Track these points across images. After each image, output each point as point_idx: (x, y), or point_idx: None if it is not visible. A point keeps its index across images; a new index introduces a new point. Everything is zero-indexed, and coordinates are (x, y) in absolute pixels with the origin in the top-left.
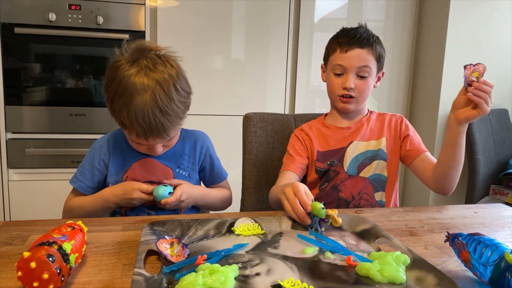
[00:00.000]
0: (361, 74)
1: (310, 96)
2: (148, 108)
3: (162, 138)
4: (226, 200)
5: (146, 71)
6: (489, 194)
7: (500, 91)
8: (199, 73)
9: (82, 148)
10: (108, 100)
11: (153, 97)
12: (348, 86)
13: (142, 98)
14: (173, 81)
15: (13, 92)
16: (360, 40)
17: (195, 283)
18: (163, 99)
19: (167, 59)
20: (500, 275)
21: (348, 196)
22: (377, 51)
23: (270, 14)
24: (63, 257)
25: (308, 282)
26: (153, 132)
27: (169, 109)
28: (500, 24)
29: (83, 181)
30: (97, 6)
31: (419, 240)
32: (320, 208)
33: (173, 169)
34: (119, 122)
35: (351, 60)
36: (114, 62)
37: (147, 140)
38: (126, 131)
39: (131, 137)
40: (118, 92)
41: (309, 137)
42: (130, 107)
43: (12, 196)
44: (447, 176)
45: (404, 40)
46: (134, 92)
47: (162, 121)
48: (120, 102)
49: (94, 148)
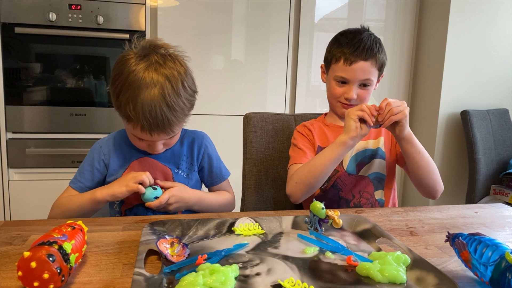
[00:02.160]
0: (363, 83)
1: (310, 96)
2: (156, 102)
3: (166, 133)
4: (226, 204)
5: (156, 66)
6: (489, 194)
7: (501, 91)
8: (200, 73)
9: (83, 148)
10: (115, 93)
11: (161, 92)
12: (350, 97)
13: (150, 92)
14: (181, 78)
15: (13, 92)
16: (364, 51)
17: (196, 283)
18: (171, 94)
19: (176, 57)
20: (500, 275)
21: (349, 195)
22: (380, 61)
23: (270, 14)
24: (64, 257)
25: (309, 282)
26: (158, 126)
27: (175, 105)
28: (500, 24)
29: (82, 182)
30: (98, 6)
31: (419, 240)
32: (320, 208)
33: (172, 169)
34: (124, 115)
35: (355, 73)
36: (123, 56)
37: (151, 134)
38: (130, 124)
39: (135, 131)
40: (126, 85)
41: (311, 132)
42: (137, 100)
43: (13, 196)
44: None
45: (405, 40)
46: (142, 86)
47: (168, 116)
48: (128, 94)
49: (94, 148)
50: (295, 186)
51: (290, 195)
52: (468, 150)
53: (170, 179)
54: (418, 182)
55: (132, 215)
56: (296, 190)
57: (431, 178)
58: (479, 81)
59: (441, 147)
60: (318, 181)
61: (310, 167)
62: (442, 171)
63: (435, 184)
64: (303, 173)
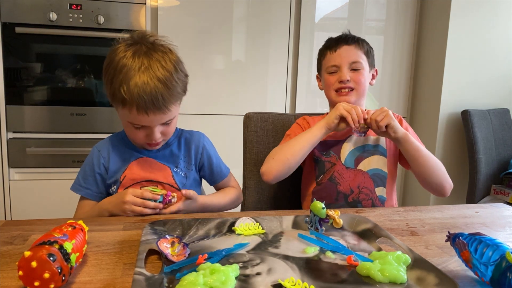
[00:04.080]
0: (354, 67)
1: (310, 95)
2: (149, 79)
3: (162, 112)
4: (232, 201)
5: (145, 50)
6: (490, 194)
7: (501, 91)
8: (200, 73)
9: (83, 148)
10: (108, 81)
11: (153, 71)
12: (344, 79)
13: (143, 72)
14: (172, 61)
15: (14, 92)
16: (346, 38)
17: (196, 282)
18: (162, 72)
19: (165, 44)
20: (501, 275)
21: (347, 189)
22: (364, 47)
23: (271, 14)
24: (64, 256)
25: (309, 281)
26: (153, 104)
27: (168, 82)
28: (501, 23)
29: (89, 188)
30: (98, 5)
31: (420, 240)
32: (321, 208)
33: (171, 168)
34: (119, 100)
35: (341, 57)
36: (113, 47)
37: (147, 113)
38: (126, 109)
39: (131, 115)
40: (118, 70)
41: (309, 124)
42: (130, 81)
43: (13, 195)
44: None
45: (405, 39)
46: (134, 67)
47: (162, 92)
48: (120, 77)
49: (93, 153)
50: (271, 162)
51: (263, 173)
52: (469, 150)
53: (170, 178)
54: (424, 180)
55: None
56: (272, 166)
57: (435, 174)
58: (480, 80)
59: (442, 147)
60: (296, 159)
61: (289, 146)
62: None
63: (441, 181)
64: (282, 151)
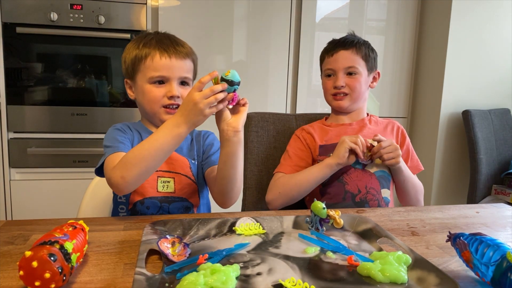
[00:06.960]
0: (350, 72)
1: (311, 95)
2: (164, 34)
3: (182, 56)
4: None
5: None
6: (491, 194)
7: (502, 91)
8: (201, 73)
9: (84, 148)
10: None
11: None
12: (338, 85)
13: (157, 34)
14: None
15: (15, 92)
16: (344, 43)
17: (197, 282)
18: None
19: None
20: (502, 275)
21: (354, 189)
22: (362, 51)
23: (271, 14)
24: (65, 256)
25: (309, 281)
26: (173, 46)
27: (185, 43)
28: (501, 23)
29: (125, 143)
30: (99, 5)
31: (420, 240)
32: (321, 208)
33: (189, 161)
34: (140, 57)
35: (337, 62)
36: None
37: (169, 56)
38: (148, 60)
39: (153, 63)
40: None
41: (310, 134)
42: (147, 36)
43: (14, 195)
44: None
45: (406, 39)
46: (147, 35)
47: (177, 40)
48: (137, 44)
49: (115, 127)
50: (278, 196)
51: (269, 203)
52: (470, 150)
53: (187, 169)
54: (400, 198)
55: (143, 208)
56: (278, 199)
57: (415, 199)
58: (481, 81)
59: (443, 147)
60: (301, 194)
61: (296, 181)
62: (443, 171)
63: (416, 204)
64: (288, 185)
